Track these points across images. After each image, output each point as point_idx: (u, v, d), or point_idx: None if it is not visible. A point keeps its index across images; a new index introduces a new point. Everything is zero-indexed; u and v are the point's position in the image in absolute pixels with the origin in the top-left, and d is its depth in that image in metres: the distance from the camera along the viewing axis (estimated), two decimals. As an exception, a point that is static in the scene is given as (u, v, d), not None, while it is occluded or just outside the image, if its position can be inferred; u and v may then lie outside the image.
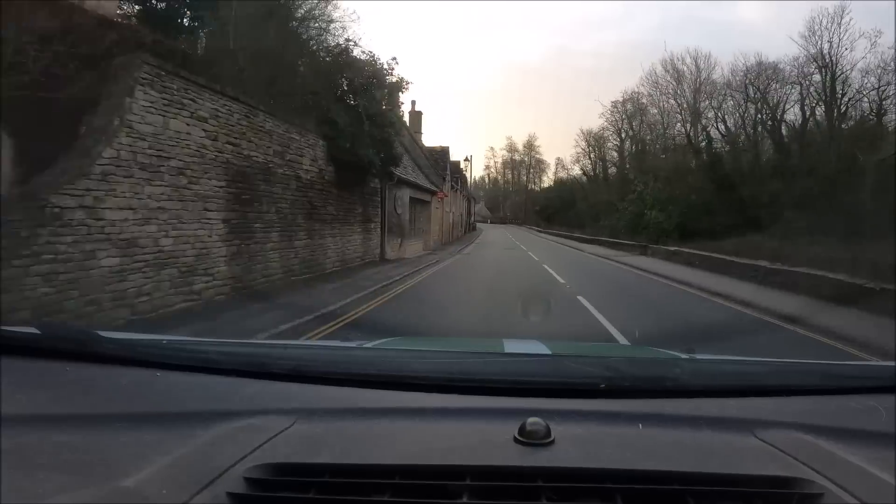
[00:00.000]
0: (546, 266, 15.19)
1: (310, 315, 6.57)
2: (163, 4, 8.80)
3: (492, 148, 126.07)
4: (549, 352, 1.73)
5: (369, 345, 1.67)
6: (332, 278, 10.21)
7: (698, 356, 1.54)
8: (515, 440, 0.81)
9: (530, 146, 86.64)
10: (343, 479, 0.73)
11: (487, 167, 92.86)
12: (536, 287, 11.01)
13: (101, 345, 1.11)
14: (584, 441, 0.84)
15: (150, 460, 0.72)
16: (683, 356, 1.53)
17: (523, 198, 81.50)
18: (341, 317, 6.92)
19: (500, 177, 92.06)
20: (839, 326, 6.70)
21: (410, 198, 18.43)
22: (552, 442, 0.80)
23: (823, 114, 24.48)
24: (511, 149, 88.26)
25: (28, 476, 0.68)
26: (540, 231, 52.16)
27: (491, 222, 78.60)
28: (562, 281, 11.78)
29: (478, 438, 0.84)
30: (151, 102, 5.99)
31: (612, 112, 41.22)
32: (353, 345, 1.58)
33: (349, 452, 0.79)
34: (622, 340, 5.84)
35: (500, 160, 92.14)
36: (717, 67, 32.11)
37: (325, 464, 0.76)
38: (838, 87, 23.54)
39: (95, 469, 0.71)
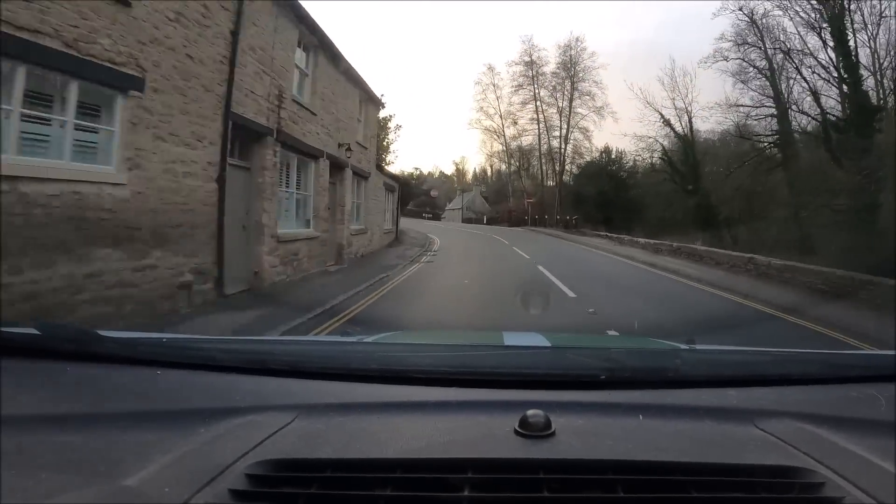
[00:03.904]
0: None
1: None
2: None
3: (490, 68, 63.70)
4: (548, 344, 1.73)
5: (369, 339, 1.68)
6: None
7: (698, 346, 1.54)
8: (516, 432, 0.81)
9: (569, 65, 39.78)
10: (344, 473, 0.74)
11: (490, 155, 49.50)
12: None
13: (101, 344, 1.11)
14: (584, 432, 0.84)
15: (151, 459, 0.72)
16: (683, 346, 1.54)
17: (548, 177, 41.91)
18: None
19: (498, 124, 44.40)
20: None
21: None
22: (553, 434, 0.80)
23: None
24: (530, 65, 41.48)
25: (30, 476, 0.68)
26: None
27: (488, 222, 42.93)
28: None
29: (478, 431, 0.84)
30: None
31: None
32: (353, 340, 1.59)
33: (350, 447, 0.79)
34: None
35: (506, 94, 46.58)
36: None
37: (326, 459, 0.76)
38: None
39: (97, 468, 0.71)
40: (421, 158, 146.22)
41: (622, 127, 76.16)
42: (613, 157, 37.67)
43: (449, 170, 70.56)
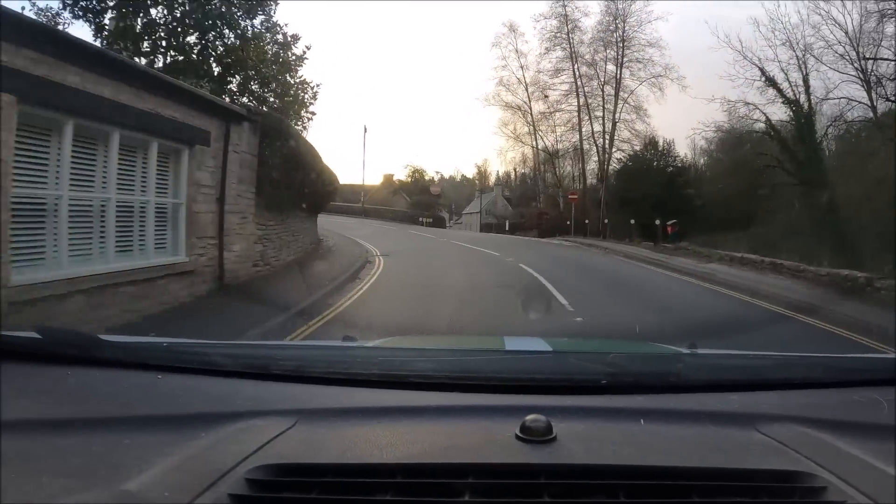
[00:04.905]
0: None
1: None
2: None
3: (511, 28, 33.34)
4: (550, 349, 1.73)
5: (370, 344, 1.67)
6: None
7: (700, 351, 1.54)
8: (517, 438, 0.80)
9: (616, 23, 28.50)
10: (345, 478, 0.73)
11: (514, 138, 34.03)
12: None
13: (102, 349, 1.11)
14: (586, 437, 0.83)
15: (152, 463, 0.72)
16: (685, 351, 1.53)
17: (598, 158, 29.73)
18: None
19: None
20: None
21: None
22: (554, 439, 0.80)
23: None
24: (564, 19, 29.85)
25: (32, 480, 0.68)
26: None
27: (510, 229, 32.08)
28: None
29: (479, 436, 0.84)
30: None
31: None
32: (354, 344, 1.58)
33: (351, 452, 0.79)
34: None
35: (533, 61, 34.06)
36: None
37: (326, 464, 0.76)
38: None
39: (98, 472, 0.71)
40: (443, 163, 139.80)
41: (693, 93, 47.48)
42: (661, 149, 27.43)
43: (471, 172, 61.32)
